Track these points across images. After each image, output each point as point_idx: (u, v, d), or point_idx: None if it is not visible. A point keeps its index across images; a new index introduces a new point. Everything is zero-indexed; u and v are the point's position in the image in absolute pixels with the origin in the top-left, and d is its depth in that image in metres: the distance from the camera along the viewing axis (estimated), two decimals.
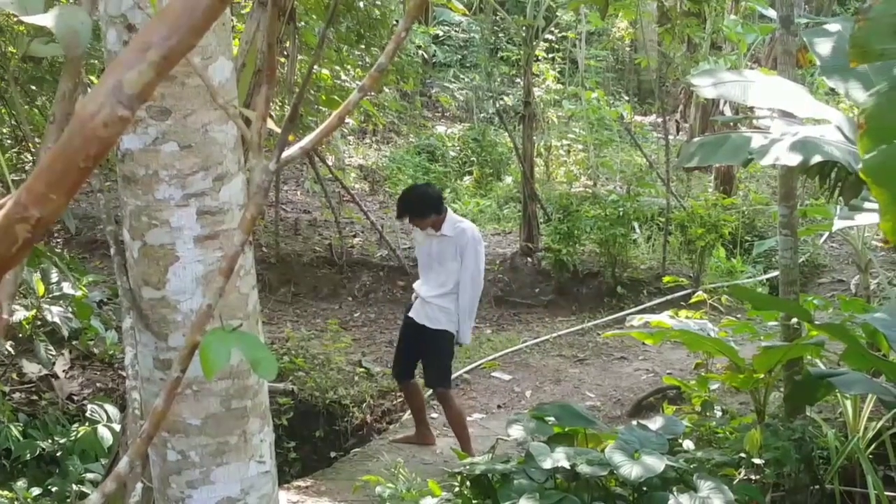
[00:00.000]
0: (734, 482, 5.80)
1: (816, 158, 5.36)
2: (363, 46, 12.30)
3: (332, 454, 8.98)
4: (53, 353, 8.38)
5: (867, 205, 5.54)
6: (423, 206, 7.86)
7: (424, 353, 8.13)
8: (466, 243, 7.81)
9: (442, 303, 7.92)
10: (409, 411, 9.35)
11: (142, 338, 3.13)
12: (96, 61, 8.41)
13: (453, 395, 8.36)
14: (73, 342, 8.79)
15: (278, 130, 1.61)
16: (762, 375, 6.51)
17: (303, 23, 10.10)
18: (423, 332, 7.96)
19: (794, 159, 5.38)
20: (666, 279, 11.67)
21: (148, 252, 3.03)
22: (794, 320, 6.71)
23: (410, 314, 8.12)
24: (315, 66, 11.59)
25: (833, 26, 6.13)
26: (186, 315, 3.04)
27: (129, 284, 3.12)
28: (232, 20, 6.72)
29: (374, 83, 1.67)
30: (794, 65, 6.84)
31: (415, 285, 8.25)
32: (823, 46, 5.92)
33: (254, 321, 3.19)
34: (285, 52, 8.94)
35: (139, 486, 2.86)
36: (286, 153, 1.66)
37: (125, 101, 1.09)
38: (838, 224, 6.54)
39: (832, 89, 6.28)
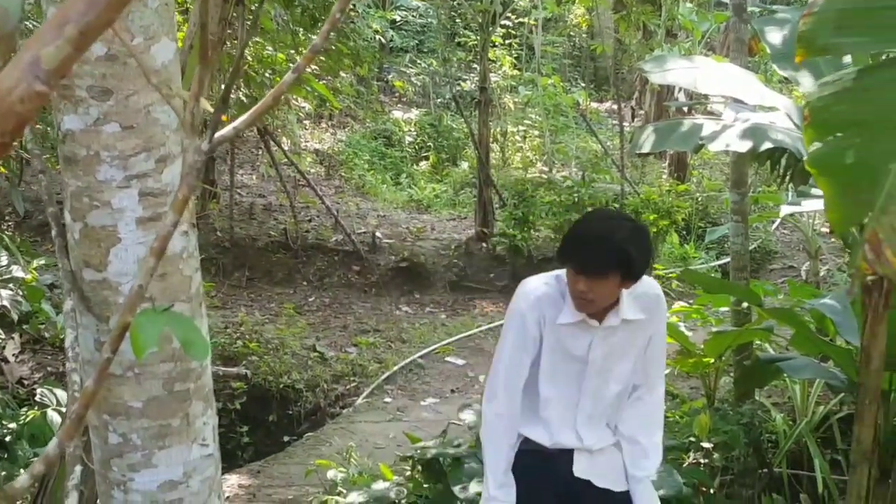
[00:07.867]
0: (683, 466, 5.84)
1: (766, 145, 5.39)
2: (319, 30, 12.24)
3: (286, 438, 8.97)
4: (3, 336, 8.33)
5: (815, 191, 5.57)
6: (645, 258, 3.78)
7: None
8: (662, 319, 4.07)
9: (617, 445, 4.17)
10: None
11: (83, 320, 3.10)
12: None
13: None
14: (24, 326, 8.72)
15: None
16: (712, 360, 6.57)
17: (255, 5, 10.01)
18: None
19: (744, 145, 5.40)
20: None
21: (89, 234, 2.99)
22: (745, 305, 6.77)
23: (578, 474, 3.97)
24: (270, 49, 11.54)
25: (784, 15, 6.16)
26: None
27: (70, 266, 3.08)
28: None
29: (308, 63, 1.66)
30: (747, 52, 6.88)
31: (546, 433, 4.03)
32: (774, 35, 5.94)
33: (197, 303, 3.16)
34: (236, 35, 8.86)
35: (78, 468, 2.84)
36: (219, 133, 1.65)
37: (42, 77, 1.08)
38: (786, 210, 6.58)
39: (786, 77, 6.32)
